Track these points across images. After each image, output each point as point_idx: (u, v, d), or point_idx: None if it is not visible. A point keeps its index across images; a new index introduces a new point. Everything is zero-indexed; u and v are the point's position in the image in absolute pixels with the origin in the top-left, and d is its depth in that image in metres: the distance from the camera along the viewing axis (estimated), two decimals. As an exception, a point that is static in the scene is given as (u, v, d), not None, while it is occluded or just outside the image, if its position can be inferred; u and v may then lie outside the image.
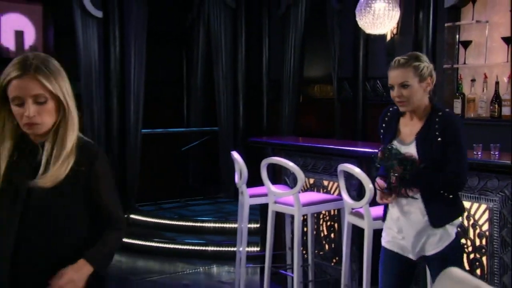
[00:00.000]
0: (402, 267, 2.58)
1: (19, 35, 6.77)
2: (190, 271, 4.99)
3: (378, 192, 2.54)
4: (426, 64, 2.47)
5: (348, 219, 3.32)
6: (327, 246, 4.13)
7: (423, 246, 2.50)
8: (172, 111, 7.64)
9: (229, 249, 5.16)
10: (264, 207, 4.39)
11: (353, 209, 3.30)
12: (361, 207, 3.16)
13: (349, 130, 5.86)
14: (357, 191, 3.66)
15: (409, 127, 2.50)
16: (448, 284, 1.16)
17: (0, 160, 1.72)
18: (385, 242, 2.61)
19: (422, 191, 2.46)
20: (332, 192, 3.96)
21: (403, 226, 2.53)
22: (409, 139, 2.48)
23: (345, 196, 3.31)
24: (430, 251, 2.49)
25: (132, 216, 5.95)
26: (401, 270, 2.58)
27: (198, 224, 5.65)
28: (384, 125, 2.61)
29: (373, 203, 3.10)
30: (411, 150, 2.44)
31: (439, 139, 2.39)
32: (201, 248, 5.28)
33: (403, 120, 2.53)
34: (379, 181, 2.53)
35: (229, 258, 5.10)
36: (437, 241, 2.47)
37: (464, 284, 1.13)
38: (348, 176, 3.40)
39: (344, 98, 5.99)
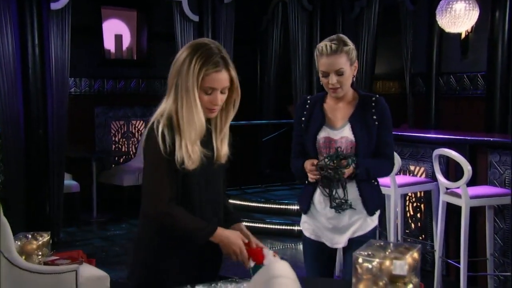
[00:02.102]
0: (325, 256, 2.39)
1: (118, 38, 7.22)
2: (280, 247, 5.26)
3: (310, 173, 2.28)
4: (352, 47, 2.27)
5: (443, 198, 3.50)
6: (413, 225, 4.31)
7: (351, 233, 2.31)
8: (246, 106, 7.94)
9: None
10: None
11: (447, 189, 3.48)
12: (458, 187, 3.34)
13: (420, 121, 6.00)
14: (443, 174, 3.84)
15: (338, 112, 2.32)
16: None
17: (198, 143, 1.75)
18: (309, 233, 2.39)
19: (361, 180, 2.27)
20: (418, 176, 4.14)
21: (332, 217, 2.29)
22: (340, 123, 2.30)
23: (441, 177, 3.49)
24: (355, 235, 2.30)
25: (221, 199, 6.26)
26: (324, 258, 2.39)
27: (283, 206, 5.91)
28: (305, 112, 2.36)
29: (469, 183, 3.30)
30: (345, 133, 2.27)
31: (376, 122, 2.26)
32: (288, 227, 5.54)
33: (328, 106, 2.34)
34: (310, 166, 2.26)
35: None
36: (364, 225, 2.30)
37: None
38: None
39: (417, 92, 6.12)
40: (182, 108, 1.72)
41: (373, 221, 2.34)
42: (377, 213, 2.36)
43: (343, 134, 2.28)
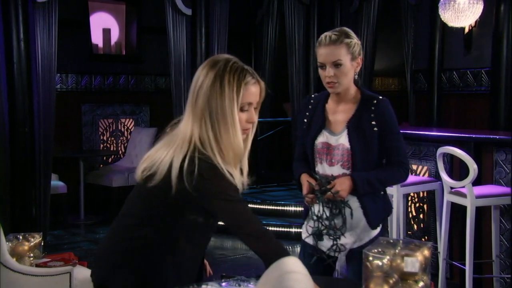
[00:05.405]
0: (322, 263, 2.32)
1: (106, 32, 7.21)
2: (277, 251, 5.29)
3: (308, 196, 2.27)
4: (356, 41, 2.23)
5: (448, 198, 3.56)
6: (415, 226, 4.36)
7: (351, 243, 2.27)
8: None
9: (312, 231, 5.46)
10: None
11: (452, 188, 3.54)
12: (463, 186, 3.39)
13: (422, 119, 6.07)
14: (447, 173, 3.89)
15: (338, 115, 2.27)
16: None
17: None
18: (306, 236, 2.38)
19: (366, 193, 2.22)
20: (421, 175, 4.19)
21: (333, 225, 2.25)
22: (340, 128, 2.25)
23: (445, 176, 3.55)
24: (355, 245, 2.26)
25: (215, 200, 6.29)
26: (320, 266, 2.32)
27: (280, 207, 5.97)
28: (307, 113, 2.35)
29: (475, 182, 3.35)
30: (342, 140, 2.23)
31: (375, 128, 2.19)
32: (285, 229, 5.58)
33: (330, 107, 2.30)
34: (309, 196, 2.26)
35: (312, 239, 5.42)
36: (364, 235, 2.26)
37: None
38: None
39: (418, 89, 6.19)
40: (221, 133, 1.67)
41: (375, 230, 2.28)
42: (379, 225, 2.30)
43: (340, 140, 2.23)
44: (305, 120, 2.34)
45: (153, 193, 1.71)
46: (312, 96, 2.39)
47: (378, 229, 2.30)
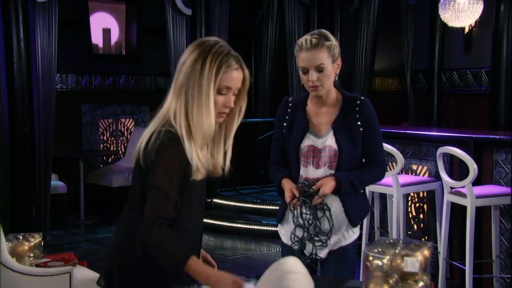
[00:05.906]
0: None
1: (106, 32, 7.21)
2: (277, 250, 5.30)
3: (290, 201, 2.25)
4: (335, 43, 2.22)
5: (448, 198, 3.56)
6: (415, 226, 4.36)
7: (332, 244, 2.27)
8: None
9: (312, 231, 5.46)
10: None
11: (452, 188, 3.54)
12: (463, 186, 3.39)
13: (422, 119, 6.07)
14: (447, 173, 3.89)
15: (321, 117, 2.26)
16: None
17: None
18: (286, 239, 2.38)
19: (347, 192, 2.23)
20: (421, 175, 4.19)
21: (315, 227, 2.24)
22: (324, 130, 2.25)
23: (446, 176, 3.55)
24: (335, 246, 2.27)
25: (215, 200, 6.30)
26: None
27: (280, 208, 5.95)
28: (287, 117, 2.30)
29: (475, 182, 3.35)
30: (328, 141, 2.23)
31: (361, 128, 2.22)
32: (285, 229, 5.57)
33: (311, 110, 2.28)
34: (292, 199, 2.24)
35: (313, 239, 5.42)
36: (346, 236, 2.28)
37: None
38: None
39: (418, 89, 6.19)
40: (193, 110, 1.68)
41: (354, 232, 2.30)
42: (359, 223, 2.33)
43: (327, 142, 2.23)
44: (285, 124, 2.30)
45: (134, 171, 1.76)
46: (290, 98, 2.36)
47: (357, 231, 2.31)
